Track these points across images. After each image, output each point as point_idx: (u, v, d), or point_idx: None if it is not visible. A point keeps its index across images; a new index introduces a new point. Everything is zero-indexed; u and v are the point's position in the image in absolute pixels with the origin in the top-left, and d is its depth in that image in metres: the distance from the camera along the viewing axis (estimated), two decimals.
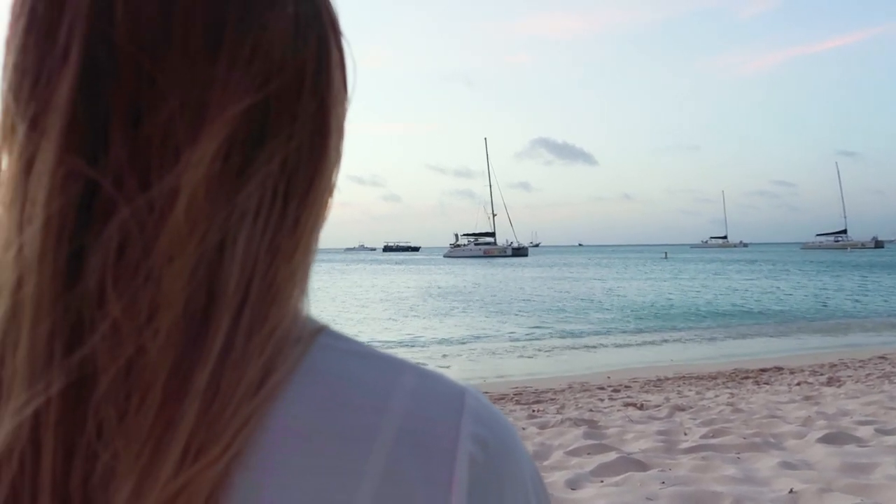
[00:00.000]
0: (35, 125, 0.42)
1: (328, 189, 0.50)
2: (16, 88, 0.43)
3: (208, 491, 0.40)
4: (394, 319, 22.02)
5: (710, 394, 8.61)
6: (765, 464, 4.86)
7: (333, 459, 0.43)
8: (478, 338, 17.56)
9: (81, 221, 0.41)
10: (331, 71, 0.49)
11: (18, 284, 0.41)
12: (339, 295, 32.04)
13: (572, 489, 4.45)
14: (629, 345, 16.35)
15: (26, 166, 0.42)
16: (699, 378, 10.35)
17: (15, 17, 0.44)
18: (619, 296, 30.10)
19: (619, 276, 47.72)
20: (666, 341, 16.78)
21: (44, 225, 0.41)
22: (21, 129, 0.43)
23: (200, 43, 0.43)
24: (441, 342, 16.87)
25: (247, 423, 0.41)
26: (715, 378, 10.28)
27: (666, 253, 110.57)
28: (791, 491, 4.21)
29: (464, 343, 16.74)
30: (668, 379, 10.40)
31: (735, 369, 11.11)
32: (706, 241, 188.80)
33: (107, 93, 0.42)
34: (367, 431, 0.44)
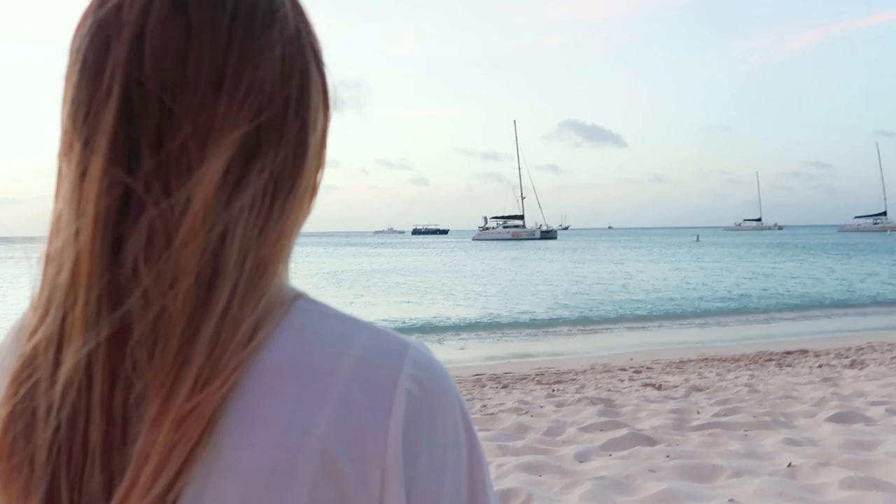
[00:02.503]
0: (87, 144, 0.56)
1: (309, 188, 0.63)
2: (73, 116, 0.57)
3: (211, 411, 0.53)
4: (418, 302, 22.08)
5: (730, 375, 8.57)
6: (770, 441, 4.92)
7: (303, 390, 0.56)
8: (502, 319, 17.50)
9: (120, 216, 0.55)
10: (311, 97, 0.61)
11: (77, 260, 0.55)
12: (364, 277, 32.22)
13: (580, 462, 4.58)
14: (654, 327, 16.26)
15: (81, 174, 0.56)
16: (722, 360, 10.29)
17: (72, 61, 0.59)
18: (646, 279, 29.74)
19: (647, 260, 47.06)
20: (692, 324, 16.62)
21: (93, 218, 0.55)
22: (77, 147, 0.57)
23: (207, 84, 0.56)
24: (465, 323, 16.83)
25: (241, 364, 0.54)
26: (738, 360, 10.20)
27: (697, 235, 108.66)
28: (789, 465, 4.29)
29: (488, 324, 16.69)
30: (690, 361, 10.34)
31: (759, 352, 10.98)
32: (739, 224, 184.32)
33: (138, 121, 0.55)
34: (329, 371, 0.56)
